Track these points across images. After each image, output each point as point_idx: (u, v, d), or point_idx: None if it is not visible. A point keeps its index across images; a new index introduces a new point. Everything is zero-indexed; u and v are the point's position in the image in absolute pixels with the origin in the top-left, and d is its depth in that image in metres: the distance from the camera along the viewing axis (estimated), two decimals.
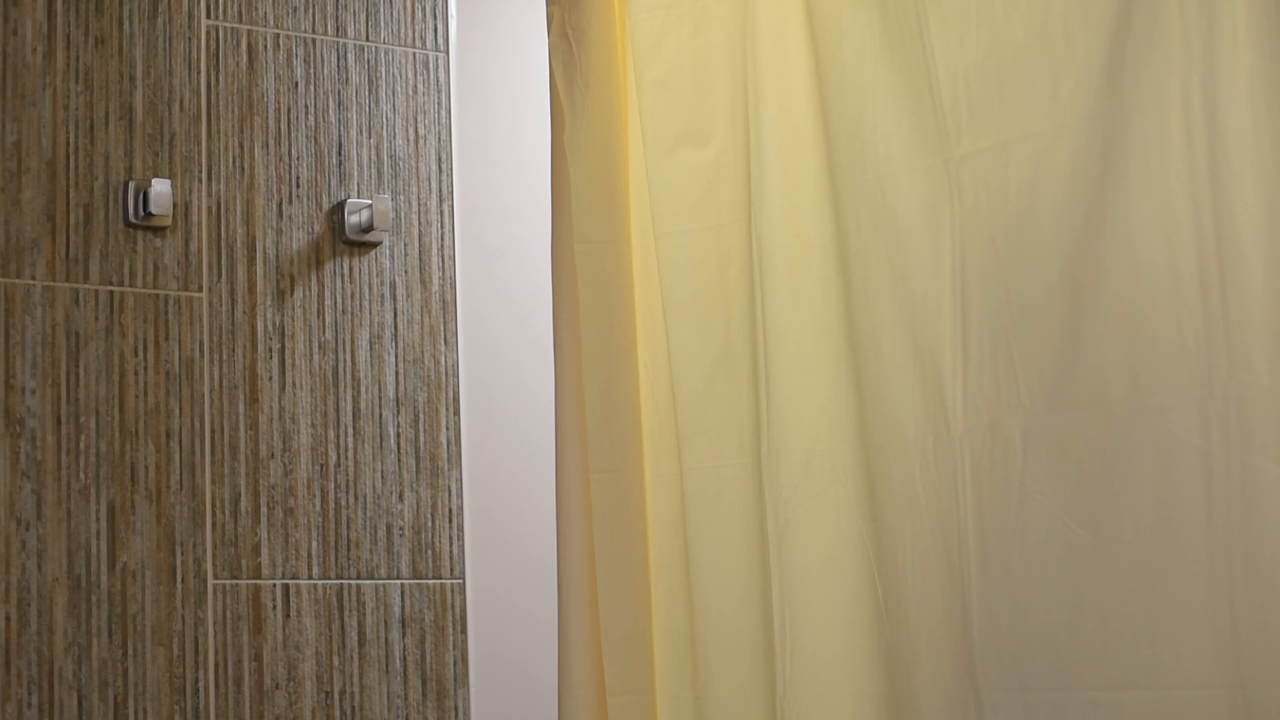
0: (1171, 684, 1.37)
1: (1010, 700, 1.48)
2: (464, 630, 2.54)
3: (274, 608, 2.42)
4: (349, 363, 2.52)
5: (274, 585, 2.43)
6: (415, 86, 2.62)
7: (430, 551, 2.53)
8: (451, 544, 2.55)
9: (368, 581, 2.49)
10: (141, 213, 2.40)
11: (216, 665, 2.38)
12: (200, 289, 2.44)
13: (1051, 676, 1.44)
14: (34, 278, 2.35)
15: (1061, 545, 1.45)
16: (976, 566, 1.50)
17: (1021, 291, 1.51)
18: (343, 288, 2.53)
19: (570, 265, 2.00)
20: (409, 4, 2.63)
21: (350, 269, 2.54)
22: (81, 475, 2.34)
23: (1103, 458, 1.43)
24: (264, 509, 2.44)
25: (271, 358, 2.48)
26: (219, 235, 2.46)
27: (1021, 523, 1.48)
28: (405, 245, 2.58)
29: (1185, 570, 1.38)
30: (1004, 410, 1.51)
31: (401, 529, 2.52)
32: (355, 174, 2.56)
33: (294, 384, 2.48)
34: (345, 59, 2.58)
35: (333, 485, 2.49)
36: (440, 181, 2.62)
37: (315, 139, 2.55)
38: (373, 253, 2.56)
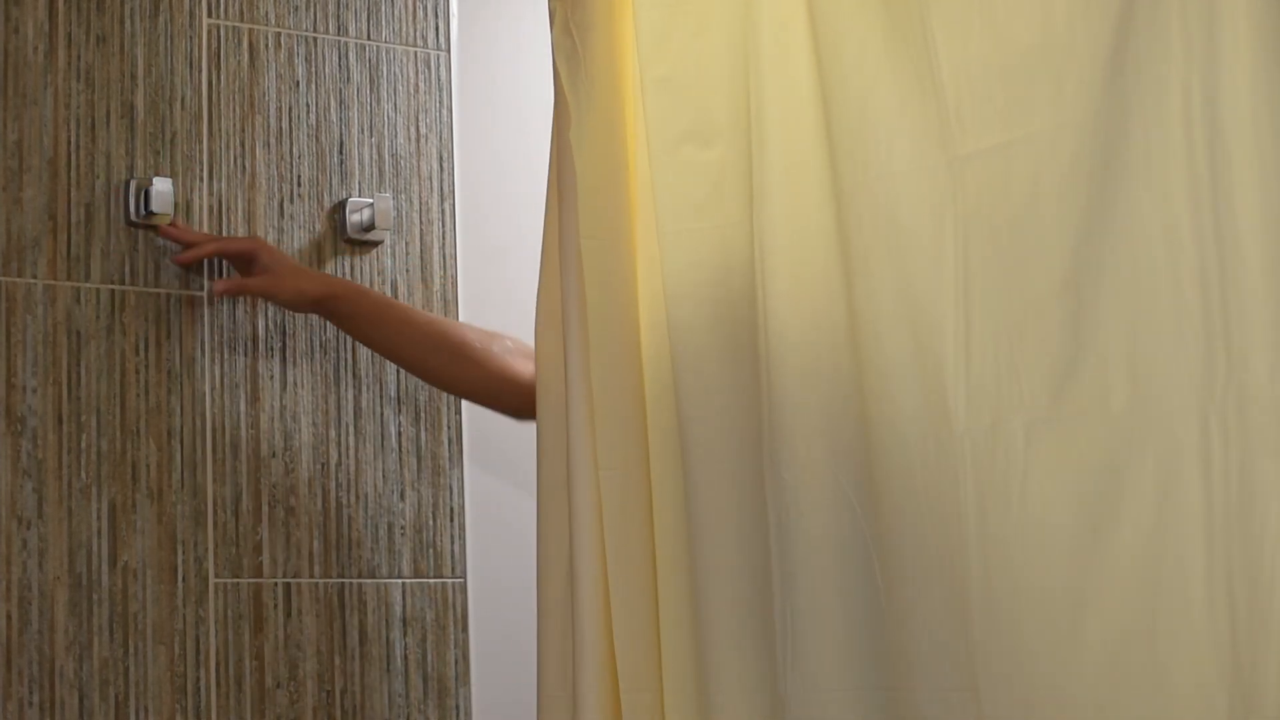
0: (1171, 684, 1.37)
1: (1010, 698, 1.48)
2: (465, 629, 2.54)
3: (275, 606, 2.42)
4: (350, 362, 2.52)
5: (275, 584, 2.43)
6: (417, 85, 2.62)
7: (431, 550, 2.53)
8: (453, 543, 2.55)
9: (369, 580, 2.49)
10: (143, 211, 2.40)
11: (218, 664, 2.38)
12: (201, 288, 2.45)
13: (1052, 675, 1.44)
14: (35, 276, 2.35)
15: (1062, 545, 1.45)
16: (977, 566, 1.50)
17: (1023, 291, 1.51)
18: None
19: (576, 261, 1.99)
20: (410, 3, 2.63)
21: (352, 268, 2.54)
22: (83, 474, 2.34)
23: (1103, 457, 1.43)
24: (265, 508, 2.44)
25: (273, 357, 2.48)
26: (220, 234, 2.46)
27: (1023, 522, 1.48)
28: (407, 244, 2.58)
29: (1184, 571, 1.38)
30: (1006, 409, 1.51)
31: (403, 528, 2.52)
32: (357, 173, 2.56)
33: (295, 383, 2.49)
34: (347, 58, 2.58)
35: (334, 484, 2.49)
36: (442, 180, 2.62)
37: (316, 138, 2.55)
38: (374, 251, 2.56)
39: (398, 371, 2.55)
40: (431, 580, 2.52)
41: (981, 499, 1.50)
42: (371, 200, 2.54)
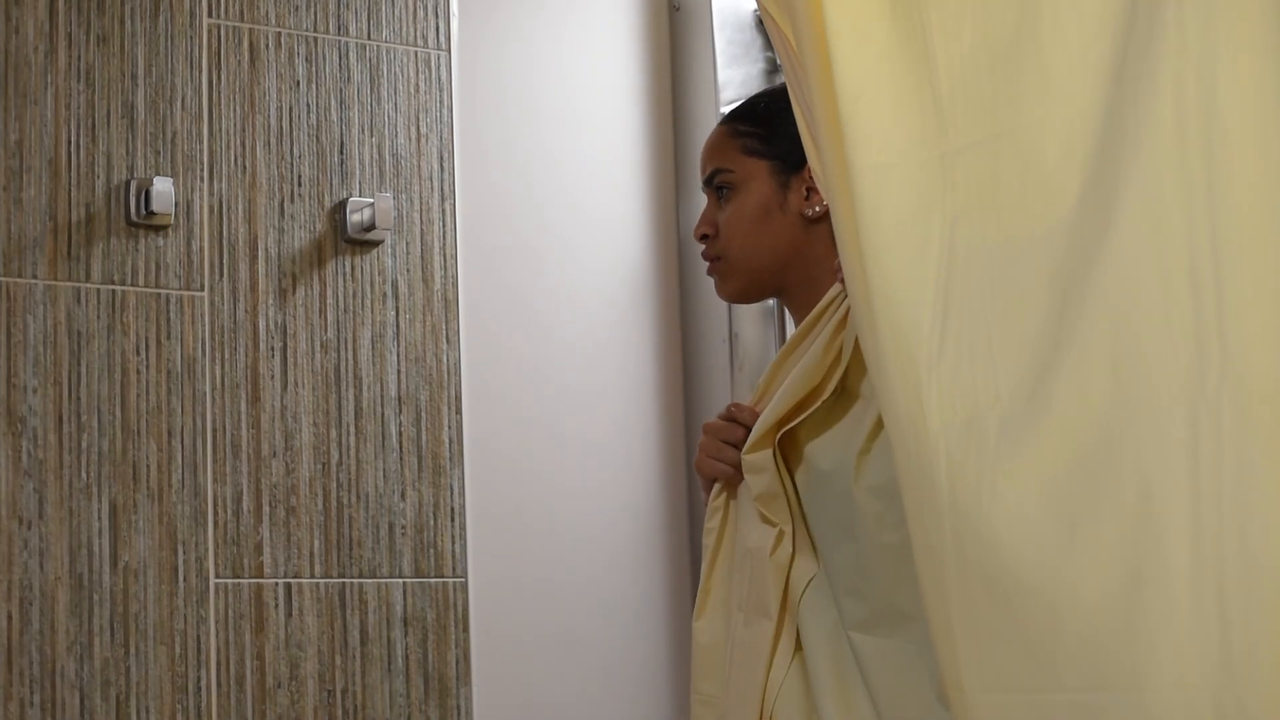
0: (1152, 686, 1.36)
1: (989, 701, 1.46)
2: (466, 629, 2.54)
3: (276, 606, 2.42)
4: (351, 361, 2.52)
5: (276, 584, 2.43)
6: (417, 85, 2.62)
7: (432, 550, 2.53)
8: (453, 543, 2.55)
9: (370, 580, 2.49)
10: (143, 211, 2.40)
11: (219, 664, 2.38)
12: (202, 288, 2.45)
13: (1030, 678, 1.43)
14: (36, 276, 2.35)
15: (1036, 543, 1.43)
16: (954, 568, 1.49)
17: (1006, 286, 1.50)
18: (344, 286, 2.53)
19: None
20: (410, 2, 2.63)
21: (352, 268, 2.54)
22: (83, 474, 2.34)
23: (1080, 455, 1.42)
24: (266, 508, 2.44)
25: (273, 356, 2.48)
26: (221, 234, 2.47)
27: (994, 520, 1.46)
28: (407, 244, 2.58)
29: (1168, 569, 1.36)
30: (979, 405, 1.49)
31: (403, 528, 2.52)
32: (357, 173, 2.56)
33: (296, 383, 2.49)
34: (347, 57, 2.58)
35: (335, 484, 2.49)
36: (442, 180, 2.62)
37: (317, 137, 2.55)
38: (374, 251, 2.56)
39: (398, 371, 2.55)
40: (432, 580, 2.52)
41: (955, 500, 1.49)
42: (372, 200, 2.54)
